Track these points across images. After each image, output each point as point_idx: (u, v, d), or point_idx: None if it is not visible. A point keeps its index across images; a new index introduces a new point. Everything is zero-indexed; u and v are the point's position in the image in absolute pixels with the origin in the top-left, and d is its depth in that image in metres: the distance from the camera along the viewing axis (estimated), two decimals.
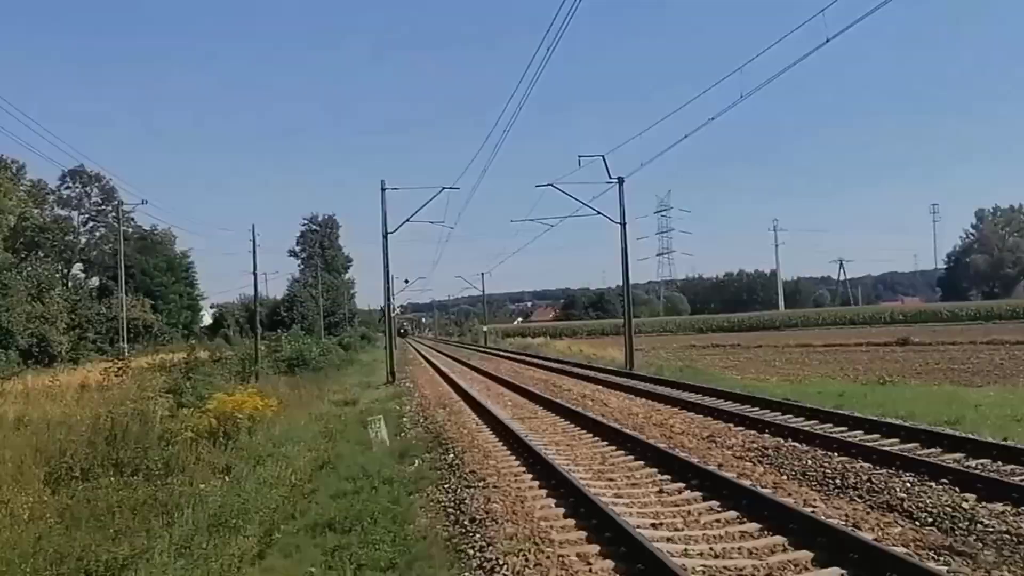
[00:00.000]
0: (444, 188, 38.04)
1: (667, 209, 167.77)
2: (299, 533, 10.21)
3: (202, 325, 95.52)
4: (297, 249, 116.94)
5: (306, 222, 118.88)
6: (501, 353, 64.58)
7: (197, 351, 35.55)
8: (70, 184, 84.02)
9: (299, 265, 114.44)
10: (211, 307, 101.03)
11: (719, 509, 9.49)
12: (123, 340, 58.51)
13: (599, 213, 37.75)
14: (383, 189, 37.19)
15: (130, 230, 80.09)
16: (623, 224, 36.52)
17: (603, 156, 34.42)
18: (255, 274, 50.27)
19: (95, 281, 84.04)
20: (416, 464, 14.06)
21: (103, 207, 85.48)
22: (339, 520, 10.27)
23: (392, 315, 45.46)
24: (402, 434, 17.93)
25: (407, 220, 39.14)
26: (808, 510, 8.91)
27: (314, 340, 55.77)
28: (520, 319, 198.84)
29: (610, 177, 35.46)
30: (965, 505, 9.05)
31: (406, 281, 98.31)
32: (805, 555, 7.53)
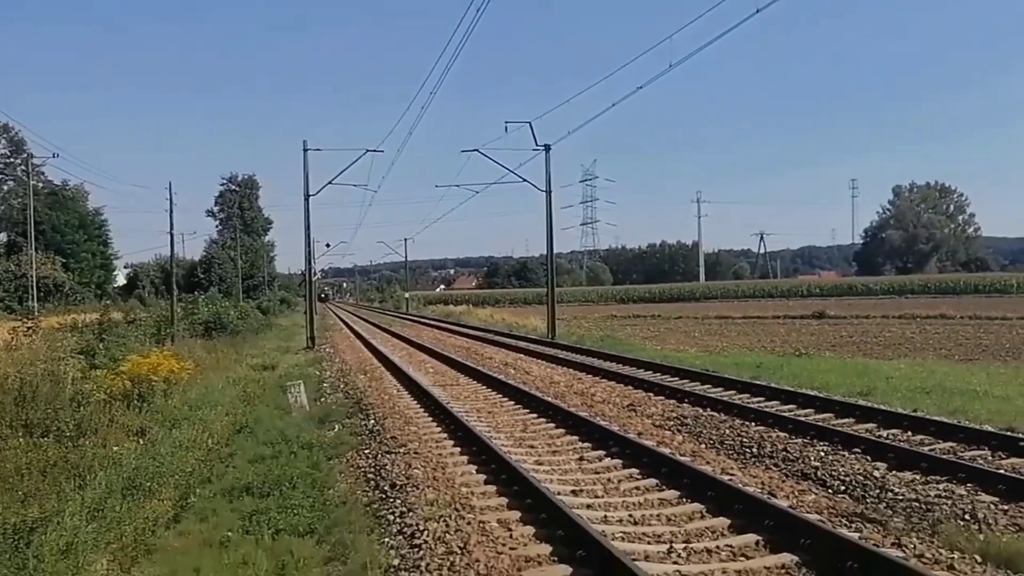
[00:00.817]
0: (368, 151, 37.48)
1: (592, 178, 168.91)
2: (215, 497, 10.02)
3: (116, 285, 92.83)
4: (215, 210, 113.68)
5: (225, 182, 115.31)
6: (423, 320, 64.33)
7: (111, 312, 34.51)
8: None
9: (217, 226, 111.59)
10: (125, 267, 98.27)
11: (639, 477, 9.57)
12: (32, 299, 56.46)
13: (525, 180, 37.79)
14: (305, 150, 36.47)
15: (40, 185, 77.08)
16: (548, 192, 36.60)
17: (530, 123, 34.42)
18: (171, 234, 48.83)
19: (2, 237, 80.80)
20: (336, 429, 13.89)
21: (11, 160, 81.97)
22: (257, 484, 10.10)
23: (313, 280, 44.75)
24: (322, 399, 17.71)
25: (329, 182, 38.60)
26: (726, 478, 9.04)
27: (232, 303, 54.63)
28: (442, 286, 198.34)
29: (536, 144, 35.48)
30: (876, 473, 9.31)
31: (327, 245, 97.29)
32: (722, 522, 7.64)
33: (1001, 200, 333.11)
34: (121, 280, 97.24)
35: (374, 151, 37.44)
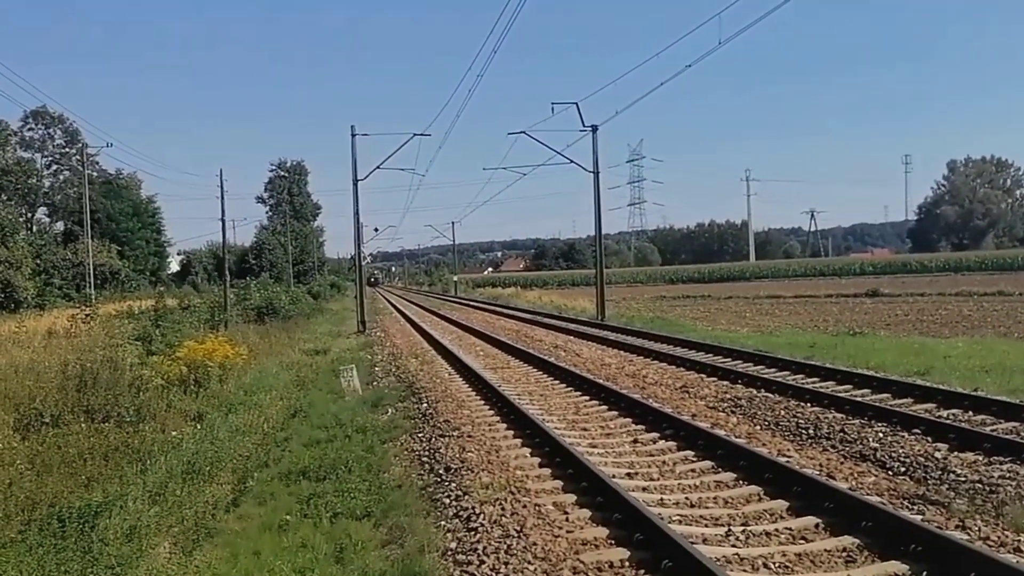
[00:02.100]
0: (415, 135, 37.59)
1: (639, 158, 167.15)
2: (273, 481, 10.17)
3: (169, 272, 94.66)
4: (265, 196, 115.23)
5: (274, 168, 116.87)
6: (472, 303, 64.53)
7: (165, 298, 35.19)
8: (32, 126, 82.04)
9: (267, 212, 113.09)
10: (178, 254, 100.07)
11: (694, 459, 9.51)
12: (90, 286, 57.66)
13: (572, 162, 37.60)
14: (353, 135, 36.63)
15: (95, 174, 78.65)
16: (596, 173, 36.36)
17: (576, 103, 34.13)
18: (223, 221, 49.69)
19: (60, 226, 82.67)
20: (389, 413, 14.02)
21: (67, 150, 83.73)
22: (313, 468, 10.24)
23: (363, 264, 45.10)
24: (374, 383, 17.87)
25: (378, 167, 38.69)
26: (782, 460, 8.94)
27: (283, 288, 55.37)
28: (490, 269, 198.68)
29: (584, 125, 35.21)
30: (937, 455, 9.13)
31: (376, 230, 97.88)
32: (780, 504, 7.55)
33: None
34: (175, 267, 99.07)
35: (421, 135, 37.59)
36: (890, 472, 8.72)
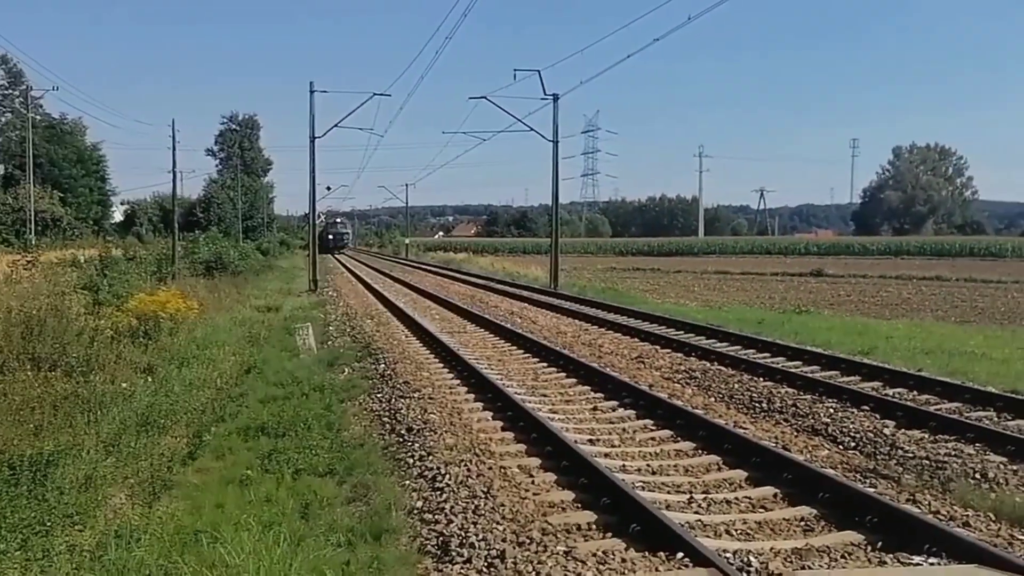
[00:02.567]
0: (375, 94, 37.01)
1: (594, 130, 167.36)
2: (231, 436, 10.10)
3: (113, 222, 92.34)
4: (215, 148, 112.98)
5: (225, 121, 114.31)
6: (424, 267, 64.30)
7: (111, 248, 34.41)
8: None
9: (217, 165, 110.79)
10: (122, 203, 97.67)
11: (653, 428, 9.68)
12: (31, 232, 56.22)
13: (532, 130, 37.46)
14: (312, 91, 36.00)
15: (38, 118, 76.22)
16: (555, 142, 36.31)
17: (539, 71, 34.01)
18: (174, 172, 48.56)
19: (0, 169, 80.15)
20: (346, 373, 13.99)
21: (9, 91, 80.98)
22: (271, 425, 10.18)
23: (317, 222, 44.55)
24: (329, 343, 17.78)
25: (336, 125, 38.09)
26: (740, 431, 9.15)
27: (231, 243, 54.47)
28: (441, 233, 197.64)
29: (545, 93, 35.12)
30: (886, 431, 9.42)
31: (328, 188, 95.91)
32: (739, 474, 7.76)
33: (998, 164, 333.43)
34: (118, 217, 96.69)
35: (381, 95, 37.04)
36: (841, 446, 8.99)
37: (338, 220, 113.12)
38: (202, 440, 10.15)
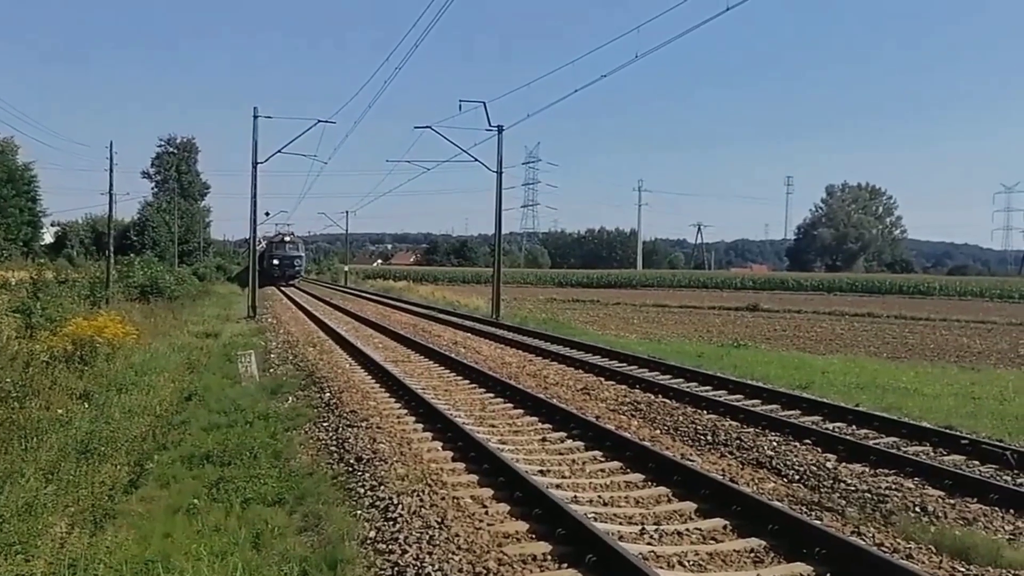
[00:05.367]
0: (320, 121, 36.81)
1: (535, 161, 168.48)
2: (174, 464, 9.95)
3: (43, 244, 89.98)
4: (152, 171, 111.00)
5: (163, 143, 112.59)
6: (364, 295, 63.84)
7: (44, 270, 33.53)
8: None
9: (153, 188, 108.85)
10: (52, 225, 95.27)
11: (603, 459, 9.76)
12: None
13: (477, 160, 37.70)
14: (255, 116, 35.75)
15: None
16: (499, 173, 36.59)
17: (484, 103, 34.30)
18: (111, 194, 47.74)
19: None
20: (291, 401, 13.84)
21: None
22: (216, 453, 10.06)
23: (257, 247, 43.90)
24: (271, 370, 17.57)
25: (279, 151, 37.74)
26: (688, 463, 9.28)
27: (166, 268, 53.49)
28: (380, 261, 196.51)
29: (490, 125, 35.41)
30: (828, 464, 9.64)
31: (267, 214, 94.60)
32: (689, 506, 7.86)
33: (925, 205, 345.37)
34: (48, 239, 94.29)
35: (326, 122, 36.82)
36: (786, 479, 9.17)
37: (286, 239, 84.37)
38: (144, 468, 9.95)
